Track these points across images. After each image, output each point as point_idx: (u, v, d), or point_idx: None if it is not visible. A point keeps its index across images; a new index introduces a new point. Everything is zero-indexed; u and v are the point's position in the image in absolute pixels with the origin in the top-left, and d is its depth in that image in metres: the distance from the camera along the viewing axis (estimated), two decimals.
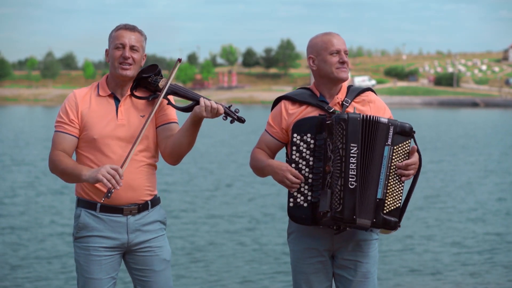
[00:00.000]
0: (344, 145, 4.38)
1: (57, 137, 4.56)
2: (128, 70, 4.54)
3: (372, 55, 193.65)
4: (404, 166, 4.45)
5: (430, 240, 13.35)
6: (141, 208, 4.60)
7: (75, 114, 4.55)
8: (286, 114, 4.66)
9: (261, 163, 4.65)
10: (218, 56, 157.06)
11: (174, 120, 4.65)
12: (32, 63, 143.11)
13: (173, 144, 4.54)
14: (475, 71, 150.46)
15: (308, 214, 4.48)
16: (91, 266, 4.56)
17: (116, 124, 4.54)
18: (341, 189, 4.36)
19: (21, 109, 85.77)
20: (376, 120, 4.43)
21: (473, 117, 70.06)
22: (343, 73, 4.62)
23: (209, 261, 11.59)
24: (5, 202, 17.12)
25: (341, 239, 4.61)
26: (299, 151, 4.51)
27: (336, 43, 4.65)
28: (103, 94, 4.61)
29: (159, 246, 4.68)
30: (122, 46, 4.55)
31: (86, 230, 4.57)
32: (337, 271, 4.69)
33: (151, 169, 4.65)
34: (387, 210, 4.42)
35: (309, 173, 4.49)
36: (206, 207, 16.78)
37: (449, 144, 35.94)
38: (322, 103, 4.62)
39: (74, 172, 4.40)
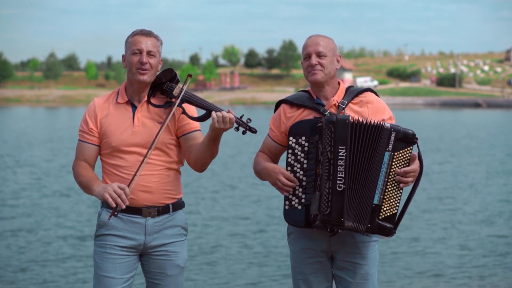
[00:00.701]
0: (332, 148, 4.38)
1: (79, 146, 4.72)
2: (145, 75, 4.58)
3: (374, 55, 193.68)
4: (403, 173, 4.42)
5: (435, 243, 13.31)
6: (161, 211, 4.65)
7: (94, 122, 4.66)
8: (284, 118, 4.70)
9: (259, 166, 4.70)
10: (220, 57, 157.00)
11: (196, 128, 4.72)
12: (35, 64, 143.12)
13: (196, 156, 4.63)
14: (477, 72, 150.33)
15: (302, 216, 4.51)
16: (105, 264, 4.61)
17: (132, 131, 4.61)
18: (329, 191, 4.38)
19: (23, 110, 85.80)
20: (376, 124, 4.41)
21: (476, 118, 69.99)
22: (313, 76, 4.61)
23: (214, 264, 11.58)
24: (8, 204, 17.08)
25: (338, 240, 4.62)
26: (294, 154, 4.54)
27: (308, 46, 4.67)
28: (121, 101, 4.68)
29: (175, 252, 4.72)
30: (139, 51, 4.59)
31: (105, 228, 4.64)
32: (336, 273, 4.70)
33: (172, 173, 4.71)
34: (383, 216, 4.42)
35: (303, 176, 4.52)
36: (212, 209, 16.77)
37: (452, 145, 35.89)
38: (318, 105, 4.63)
39: (87, 186, 4.56)
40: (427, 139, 38.74)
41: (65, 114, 73.72)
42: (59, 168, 24.46)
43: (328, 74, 4.63)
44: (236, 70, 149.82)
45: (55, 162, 26.32)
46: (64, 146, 33.34)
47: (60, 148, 32.15)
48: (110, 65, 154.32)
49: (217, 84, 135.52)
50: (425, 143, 35.85)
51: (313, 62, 4.60)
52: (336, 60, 4.69)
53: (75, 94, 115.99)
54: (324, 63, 4.60)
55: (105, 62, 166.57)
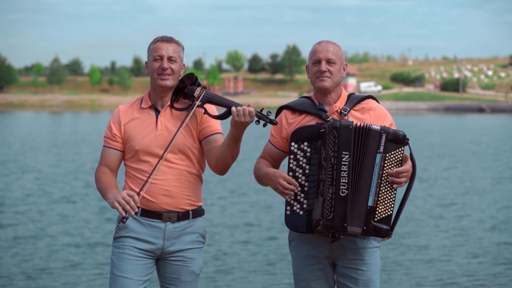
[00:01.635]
0: (336, 153, 4.41)
1: (103, 152, 4.83)
2: (167, 80, 4.68)
3: (378, 60, 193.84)
4: (395, 173, 4.45)
5: (445, 250, 13.23)
6: (181, 216, 4.71)
7: (118, 128, 4.77)
8: (286, 124, 4.74)
9: (260, 171, 4.72)
10: (224, 61, 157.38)
11: (218, 131, 4.77)
12: (38, 69, 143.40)
13: (217, 157, 4.66)
14: (481, 77, 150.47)
15: (304, 222, 4.53)
16: (122, 264, 4.66)
17: (155, 134, 4.68)
18: (332, 197, 4.41)
19: (27, 115, 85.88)
20: (368, 128, 4.44)
21: (480, 123, 70.01)
22: (322, 82, 4.64)
23: (226, 272, 11.53)
24: (13, 211, 17.00)
25: (340, 246, 4.63)
26: (296, 159, 4.56)
27: (318, 52, 4.69)
28: (145, 106, 4.78)
29: (192, 258, 4.76)
30: (160, 57, 4.69)
31: (124, 230, 4.70)
32: (339, 279, 4.71)
33: (193, 178, 4.76)
34: (378, 217, 4.44)
35: (305, 181, 4.54)
36: (222, 216, 16.73)
37: (458, 150, 35.76)
38: (320, 111, 4.66)
39: (103, 192, 4.64)
40: (433, 145, 38.68)
41: (69, 119, 73.78)
42: (65, 174, 24.43)
43: (336, 82, 4.68)
44: (240, 75, 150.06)
45: (60, 168, 26.29)
46: (69, 151, 33.32)
47: (65, 153, 32.13)
48: (114, 70, 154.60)
49: (220, 89, 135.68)
50: (431, 149, 35.81)
51: (323, 68, 4.63)
52: (342, 68, 4.73)
53: (79, 99, 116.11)
54: (333, 71, 4.65)
55: (109, 67, 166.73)
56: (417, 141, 40.57)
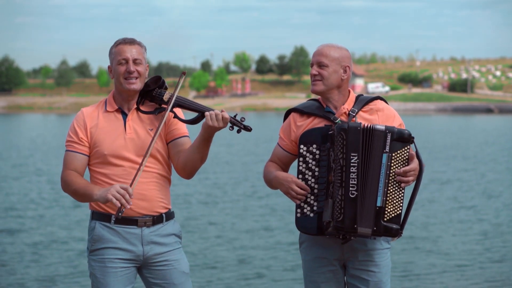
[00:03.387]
0: (345, 155, 4.41)
1: (67, 156, 4.62)
2: (134, 84, 4.57)
3: (386, 61, 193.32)
4: (403, 172, 4.44)
5: (465, 254, 13.13)
6: (156, 220, 4.62)
7: (84, 132, 4.61)
8: (294, 126, 4.71)
9: (270, 175, 4.71)
10: (231, 63, 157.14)
11: (184, 134, 4.69)
12: (47, 72, 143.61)
13: (186, 159, 4.58)
14: (489, 77, 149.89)
15: (314, 224, 4.53)
16: (107, 278, 4.57)
17: (125, 138, 4.58)
18: (342, 198, 4.40)
19: (35, 117, 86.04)
20: (373, 128, 4.43)
21: (489, 124, 69.67)
22: (312, 86, 4.67)
23: (244, 277, 11.52)
24: (22, 216, 16.98)
25: (350, 248, 4.62)
26: (306, 162, 4.56)
27: (313, 56, 4.70)
28: (111, 110, 4.66)
29: (176, 259, 4.68)
30: (125, 61, 4.57)
31: (101, 242, 4.59)
32: (349, 281, 4.69)
33: (164, 181, 4.69)
34: (387, 217, 4.44)
35: (315, 184, 4.54)
36: (237, 220, 16.75)
37: (473, 152, 35.35)
38: (329, 113, 4.64)
39: (86, 192, 4.47)
40: (447, 147, 38.32)
41: None
42: None
43: (329, 85, 4.63)
44: (248, 76, 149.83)
45: None
46: None
47: None
48: None
49: (228, 90, 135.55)
50: (445, 150, 35.54)
51: (313, 72, 4.64)
52: (342, 70, 4.64)
53: (87, 101, 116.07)
54: (324, 74, 4.61)
55: None
56: (429, 143, 40.38)
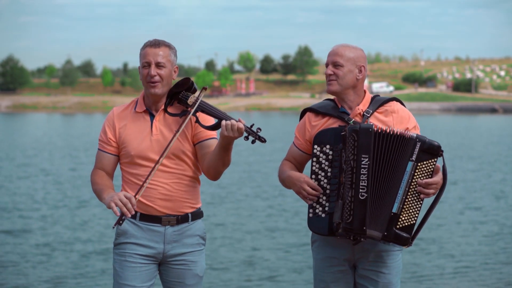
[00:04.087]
0: (356, 156, 4.40)
1: (97, 155, 4.78)
2: (156, 88, 4.60)
3: (390, 61, 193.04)
4: (425, 184, 4.41)
5: (477, 255, 13.05)
6: (180, 220, 4.66)
7: (113, 132, 4.71)
8: (309, 126, 4.72)
9: (283, 174, 4.72)
10: (236, 63, 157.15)
11: (210, 136, 4.71)
12: (51, 71, 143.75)
13: (208, 164, 4.62)
14: (493, 77, 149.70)
15: (325, 224, 4.53)
16: (125, 272, 4.63)
17: (151, 139, 4.63)
18: (352, 200, 4.40)
19: (40, 116, 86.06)
20: (402, 134, 4.41)
21: (492, 123, 69.52)
22: (328, 86, 4.67)
23: (250, 278, 11.49)
24: (28, 216, 16.95)
25: (361, 249, 4.62)
26: (319, 162, 4.55)
27: (328, 56, 4.70)
28: (139, 110, 4.72)
29: (194, 261, 4.72)
30: (147, 64, 4.60)
31: (124, 236, 4.67)
32: (359, 281, 4.69)
33: (190, 181, 4.72)
34: (400, 225, 4.42)
35: (327, 184, 4.53)
36: (252, 220, 16.72)
37: (480, 152, 35.28)
38: (343, 114, 4.63)
39: (99, 194, 4.58)
40: (453, 147, 38.14)
41: (82, 121, 73.92)
42: (83, 177, 24.44)
43: (345, 84, 4.63)
44: (252, 76, 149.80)
45: (78, 171, 26.31)
46: (85, 154, 33.35)
47: (80, 156, 32.16)
48: (126, 72, 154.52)
49: (232, 90, 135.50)
50: (452, 150, 35.49)
51: (328, 72, 4.65)
52: (358, 70, 4.65)
53: (92, 100, 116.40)
54: (339, 74, 4.62)
55: (121, 69, 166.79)
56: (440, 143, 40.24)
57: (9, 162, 29.52)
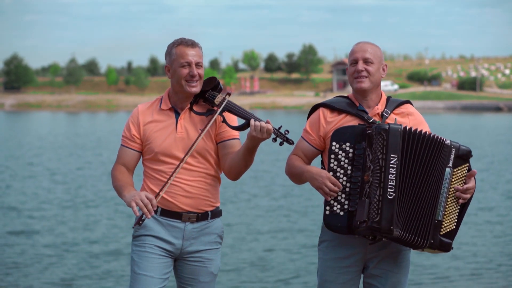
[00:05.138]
0: (384, 156, 4.36)
1: (120, 151, 4.82)
2: (195, 87, 4.65)
3: (395, 59, 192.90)
4: (464, 189, 4.46)
5: (483, 256, 12.94)
6: (200, 217, 4.71)
7: (137, 129, 4.76)
8: (324, 122, 4.67)
9: (299, 169, 4.66)
10: (240, 61, 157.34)
11: (235, 136, 4.75)
12: (55, 69, 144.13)
13: (231, 164, 4.65)
14: (498, 75, 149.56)
15: (344, 222, 4.47)
16: (143, 262, 4.66)
17: (175, 137, 4.67)
18: (380, 199, 4.35)
19: (44, 115, 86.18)
20: (438, 140, 4.42)
21: (497, 122, 69.51)
22: (359, 83, 4.61)
23: (260, 279, 11.40)
24: (35, 217, 16.86)
25: (374, 249, 4.62)
26: (338, 159, 4.50)
27: (355, 52, 4.65)
28: (165, 108, 4.75)
29: (210, 259, 4.77)
30: (188, 64, 4.63)
31: (144, 229, 4.70)
32: (367, 280, 4.70)
33: (212, 180, 4.76)
34: (444, 231, 4.45)
35: (347, 182, 4.49)
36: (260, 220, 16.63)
37: (486, 151, 35.05)
38: (362, 112, 4.60)
39: (119, 191, 4.62)
40: None
41: (86, 120, 73.97)
42: (90, 177, 24.39)
43: (374, 82, 4.62)
44: (256, 74, 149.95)
45: (85, 171, 26.28)
46: (90, 153, 33.34)
47: (86, 155, 32.15)
48: (131, 70, 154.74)
49: (237, 88, 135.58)
50: None
51: (360, 67, 4.58)
52: (382, 69, 4.66)
53: (96, 99, 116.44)
54: (371, 70, 4.60)
55: (126, 67, 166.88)
56: None
57: (14, 161, 29.49)
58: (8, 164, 28.24)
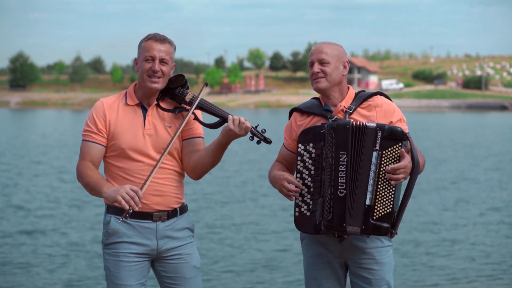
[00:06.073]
0: (334, 154, 4.42)
1: (85, 146, 4.63)
2: (157, 84, 4.58)
3: (400, 58, 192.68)
4: (391, 170, 4.38)
5: (496, 257, 12.86)
6: (170, 214, 4.67)
7: (103, 123, 4.62)
8: (295, 126, 4.75)
9: (270, 175, 4.75)
10: (245, 60, 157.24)
11: (200, 135, 4.74)
12: (61, 68, 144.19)
13: (197, 161, 4.63)
14: (503, 74, 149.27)
15: (311, 223, 4.54)
16: (121, 273, 4.60)
17: (143, 134, 4.60)
18: (331, 197, 4.42)
19: (50, 113, 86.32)
20: (363, 126, 4.41)
21: (503, 121, 69.38)
22: (316, 84, 4.65)
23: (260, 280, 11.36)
24: (43, 216, 16.85)
25: (351, 246, 4.63)
26: (303, 160, 4.58)
27: (311, 55, 4.69)
28: (131, 103, 4.67)
29: (188, 253, 4.74)
30: (151, 58, 4.57)
31: (116, 236, 4.62)
32: (352, 279, 4.72)
33: (179, 177, 4.74)
34: (377, 216, 4.40)
35: (311, 182, 4.55)
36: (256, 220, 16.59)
37: (494, 150, 34.95)
38: (326, 112, 4.66)
39: (96, 187, 4.46)
40: (468, 145, 37.98)
41: None
42: None
43: (332, 81, 4.64)
44: (261, 73, 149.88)
45: None
46: None
47: None
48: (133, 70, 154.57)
49: (242, 87, 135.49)
50: (466, 149, 35.30)
51: (315, 70, 4.62)
52: (342, 66, 4.68)
53: (101, 97, 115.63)
54: (327, 71, 4.62)
55: (131, 66, 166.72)
56: (450, 141, 40.25)
57: (20, 159, 29.51)
58: (16, 163, 28.25)
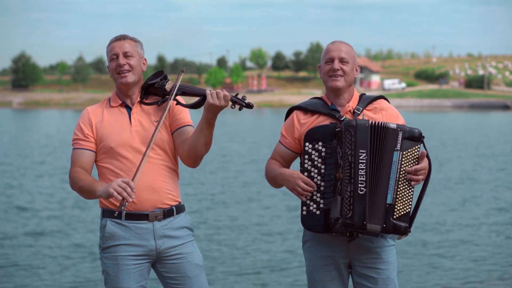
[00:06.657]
0: (353, 152, 4.42)
1: (74, 154, 4.67)
2: (127, 77, 4.62)
3: (402, 57, 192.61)
4: (413, 171, 4.45)
5: (504, 258, 12.85)
6: (166, 213, 4.65)
7: (90, 128, 4.66)
8: (298, 124, 4.72)
9: (273, 172, 4.71)
10: (247, 59, 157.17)
11: (188, 123, 4.73)
12: (63, 68, 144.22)
13: (190, 146, 4.59)
14: (506, 74, 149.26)
15: (321, 221, 4.52)
16: (120, 276, 4.59)
17: (130, 131, 4.62)
18: (351, 195, 4.40)
19: (52, 113, 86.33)
20: (385, 126, 4.46)
21: (506, 120, 69.37)
22: (334, 82, 4.64)
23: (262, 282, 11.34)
24: (46, 217, 16.86)
25: (356, 246, 4.64)
26: (311, 159, 4.56)
27: (331, 51, 4.68)
28: (115, 105, 4.70)
29: (189, 252, 4.70)
30: (116, 56, 4.63)
31: (113, 239, 4.61)
32: (357, 280, 4.71)
33: (172, 174, 4.72)
34: (397, 215, 4.45)
35: (321, 181, 4.54)
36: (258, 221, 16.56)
37: (499, 150, 34.91)
38: (333, 111, 4.66)
39: (89, 189, 4.48)
40: (471, 145, 37.95)
41: None
42: None
43: (349, 81, 4.67)
44: (263, 72, 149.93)
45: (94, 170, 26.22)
46: None
47: None
48: None
49: (244, 87, 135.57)
50: (469, 149, 35.26)
51: (336, 66, 4.63)
52: (355, 69, 4.72)
53: (103, 97, 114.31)
54: (346, 70, 4.65)
55: None
56: (452, 140, 40.25)
57: (23, 160, 29.52)
58: (19, 163, 28.26)
